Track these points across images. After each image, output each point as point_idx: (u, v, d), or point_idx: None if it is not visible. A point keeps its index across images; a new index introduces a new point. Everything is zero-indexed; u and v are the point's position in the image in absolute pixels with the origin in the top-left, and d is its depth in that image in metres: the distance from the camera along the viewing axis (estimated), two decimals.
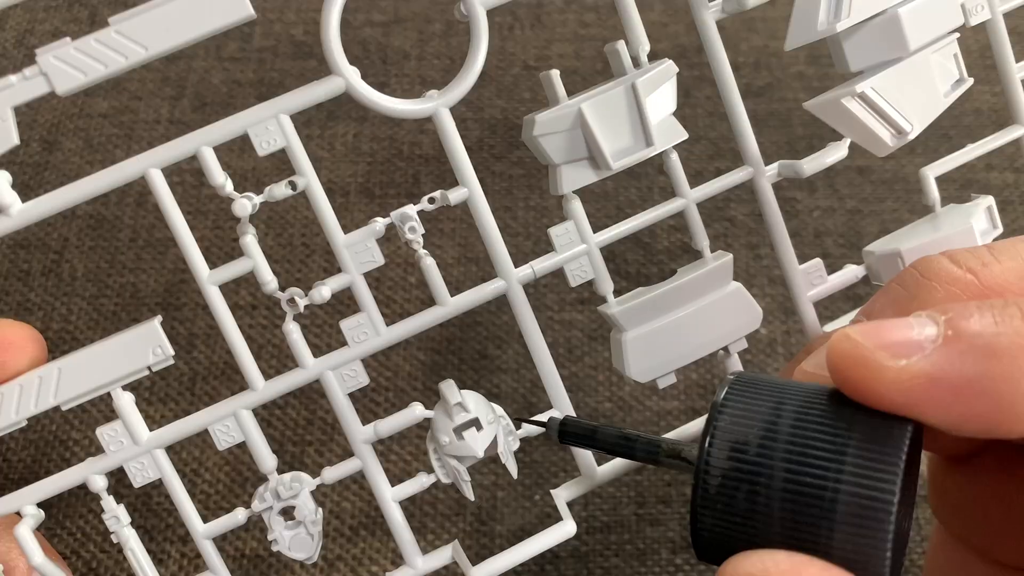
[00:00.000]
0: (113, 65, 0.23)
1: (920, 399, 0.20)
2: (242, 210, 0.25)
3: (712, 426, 0.21)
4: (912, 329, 0.20)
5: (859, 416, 0.20)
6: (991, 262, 0.22)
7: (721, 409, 0.22)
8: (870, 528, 0.20)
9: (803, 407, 0.21)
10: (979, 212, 0.30)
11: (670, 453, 0.23)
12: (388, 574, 0.28)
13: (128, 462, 0.26)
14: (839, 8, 0.27)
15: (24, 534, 0.25)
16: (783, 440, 0.21)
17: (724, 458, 0.21)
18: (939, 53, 0.28)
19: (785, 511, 0.20)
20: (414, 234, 0.26)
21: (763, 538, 0.21)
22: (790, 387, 0.22)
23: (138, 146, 0.44)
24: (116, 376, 0.25)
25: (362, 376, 0.27)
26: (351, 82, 0.26)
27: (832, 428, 0.20)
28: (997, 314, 0.20)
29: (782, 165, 0.30)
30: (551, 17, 0.48)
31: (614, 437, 0.25)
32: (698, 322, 0.28)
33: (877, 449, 0.20)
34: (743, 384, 0.22)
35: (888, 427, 0.20)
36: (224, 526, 0.27)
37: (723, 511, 0.21)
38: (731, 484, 0.21)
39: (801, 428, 0.21)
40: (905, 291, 0.23)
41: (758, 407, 0.21)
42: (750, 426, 0.21)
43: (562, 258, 0.28)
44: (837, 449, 0.20)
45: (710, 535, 0.21)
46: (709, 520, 0.21)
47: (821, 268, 0.30)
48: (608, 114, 0.26)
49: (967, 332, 0.20)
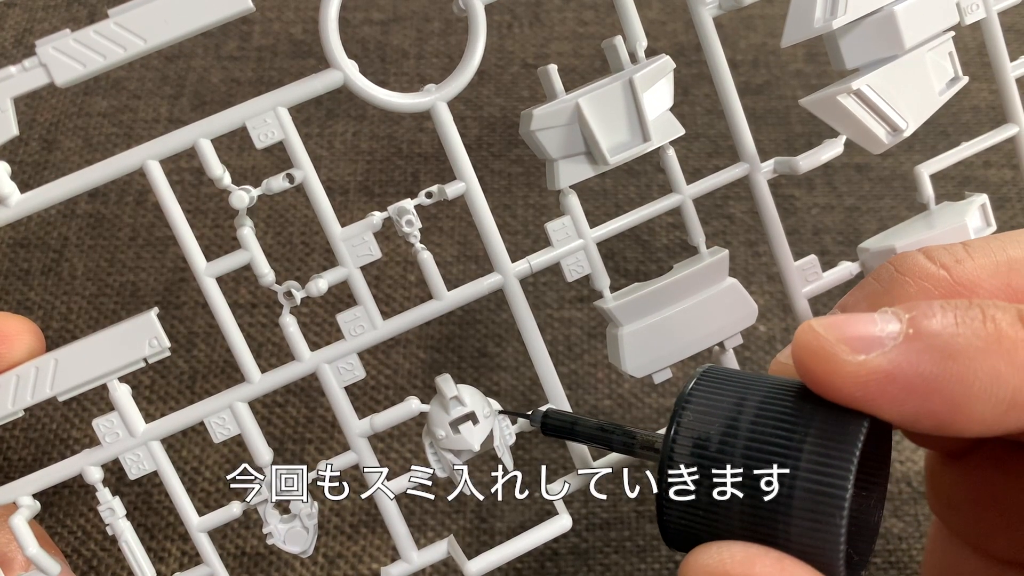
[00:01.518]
0: (112, 57, 0.24)
1: (876, 394, 0.20)
2: (239, 202, 0.25)
3: (675, 421, 0.22)
4: (875, 325, 0.20)
5: (818, 411, 0.21)
6: (964, 259, 0.22)
7: (685, 404, 0.22)
8: (824, 521, 0.20)
9: (765, 401, 0.21)
10: (973, 210, 0.30)
11: (644, 444, 0.24)
12: (384, 569, 0.28)
13: (124, 454, 0.26)
14: (835, 5, 0.27)
15: (19, 524, 0.25)
16: (743, 435, 0.21)
17: (687, 453, 0.22)
18: (934, 51, 0.28)
19: (744, 505, 0.21)
20: (411, 227, 0.26)
21: (724, 530, 0.21)
22: (757, 381, 0.22)
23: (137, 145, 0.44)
24: (112, 367, 0.25)
25: (358, 370, 0.27)
26: (349, 75, 0.25)
27: (791, 423, 0.21)
28: (960, 315, 0.20)
29: (778, 161, 0.30)
30: (550, 15, 0.48)
31: (593, 429, 0.25)
32: (694, 317, 0.28)
33: (832, 444, 0.20)
34: (710, 379, 0.22)
35: (845, 422, 0.20)
36: (219, 519, 0.27)
37: (686, 504, 0.22)
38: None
39: (761, 423, 0.21)
40: (880, 286, 0.23)
41: (722, 402, 0.22)
42: (712, 421, 0.22)
43: (559, 253, 0.28)
44: (794, 444, 0.20)
45: (675, 527, 0.22)
46: (674, 513, 0.22)
47: (816, 265, 0.30)
48: (605, 109, 0.26)
49: (927, 331, 0.20)
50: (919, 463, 0.35)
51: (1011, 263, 0.22)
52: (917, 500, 0.35)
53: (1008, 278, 0.22)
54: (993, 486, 0.25)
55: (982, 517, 0.25)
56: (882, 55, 0.28)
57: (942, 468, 0.26)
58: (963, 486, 0.25)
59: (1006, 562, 0.25)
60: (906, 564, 0.33)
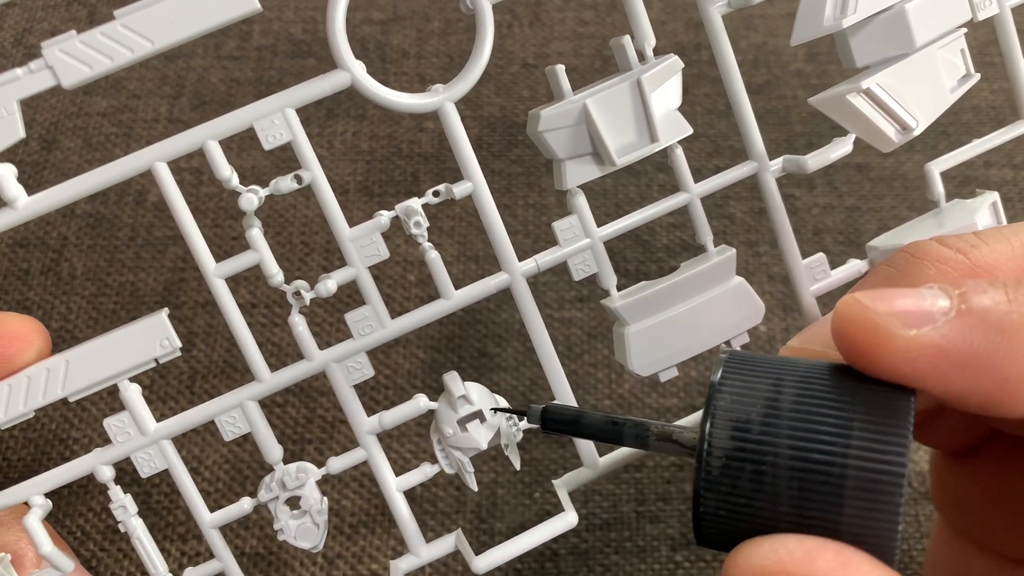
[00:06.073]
0: (119, 59, 0.23)
1: (927, 370, 0.19)
2: (248, 204, 0.25)
3: (712, 405, 0.21)
4: (924, 299, 0.20)
5: (860, 388, 0.20)
6: (979, 244, 0.22)
7: (719, 388, 0.21)
8: (880, 503, 0.19)
9: (803, 382, 0.21)
10: (984, 208, 0.30)
11: (661, 436, 0.23)
12: (393, 562, 0.28)
13: (135, 452, 0.26)
14: (845, 3, 0.27)
15: (33, 524, 0.25)
16: (786, 417, 0.20)
17: (726, 438, 0.20)
18: (945, 48, 0.28)
19: (792, 490, 0.20)
20: (420, 228, 0.26)
21: (768, 519, 0.20)
22: (786, 363, 0.21)
23: (137, 144, 0.44)
24: (123, 368, 0.25)
25: (367, 368, 0.27)
26: (357, 76, 0.25)
27: (836, 402, 0.20)
28: (1011, 292, 0.20)
29: (787, 160, 0.30)
30: (550, 15, 0.48)
31: (600, 422, 0.24)
32: (701, 316, 0.28)
33: (883, 422, 0.20)
34: (738, 362, 0.21)
35: (893, 398, 0.20)
36: (230, 515, 0.27)
37: (727, 493, 0.20)
38: (735, 465, 0.20)
39: (804, 404, 0.20)
40: (895, 271, 0.23)
41: (757, 385, 0.21)
42: (751, 404, 0.21)
43: (566, 252, 0.28)
44: (842, 423, 0.20)
45: (713, 518, 0.21)
46: (712, 503, 0.21)
47: (824, 263, 0.30)
48: (613, 110, 0.26)
49: (979, 307, 0.20)
50: (920, 463, 0.35)
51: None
52: (917, 500, 0.35)
53: None
54: (1000, 484, 0.24)
55: (988, 515, 0.25)
56: (892, 53, 0.27)
57: (948, 467, 0.26)
58: (970, 485, 0.25)
59: (1015, 560, 0.25)
60: (906, 564, 0.33)
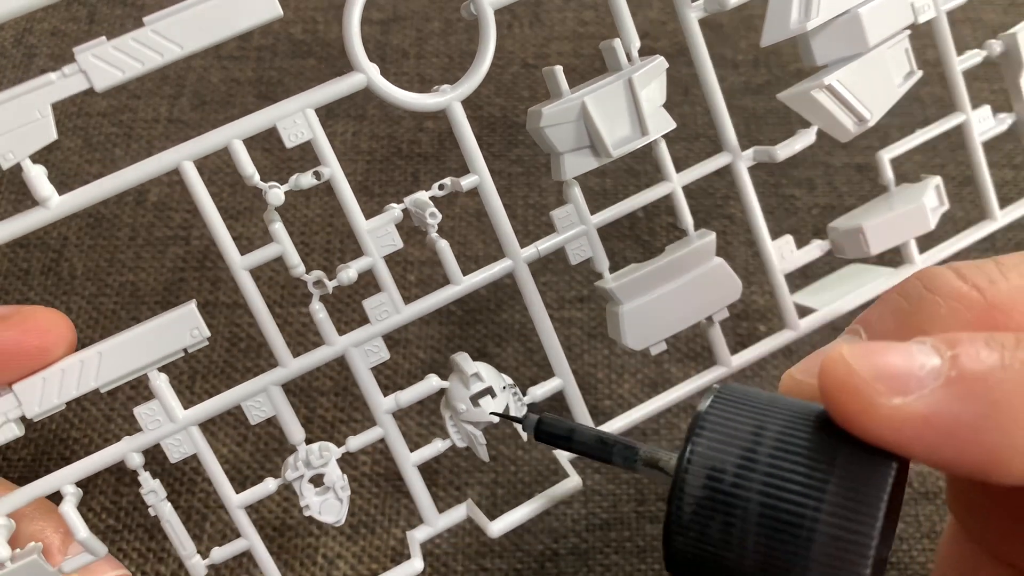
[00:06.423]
0: (150, 63, 0.24)
1: (911, 439, 0.19)
2: (276, 199, 0.26)
3: (689, 450, 0.21)
4: (914, 359, 0.19)
5: (843, 448, 0.19)
6: (998, 279, 0.21)
7: (699, 431, 0.21)
8: (846, 571, 0.19)
9: (785, 432, 0.20)
10: (929, 190, 0.34)
11: (648, 462, 0.23)
12: (409, 532, 0.30)
13: (165, 439, 0.27)
14: (809, 8, 0.29)
15: (69, 511, 0.26)
16: (761, 470, 0.20)
17: (699, 486, 0.20)
18: (893, 48, 0.31)
19: (760, 546, 0.20)
20: (434, 219, 0.28)
21: (736, 569, 0.20)
22: (775, 406, 0.21)
23: (137, 144, 0.44)
24: (155, 358, 0.27)
25: (383, 351, 0.29)
26: (372, 78, 0.27)
27: (813, 460, 0.19)
28: (1008, 354, 0.19)
29: (757, 151, 0.33)
30: (550, 15, 0.48)
31: (591, 439, 0.24)
32: (686, 294, 0.31)
33: (858, 488, 0.19)
34: (725, 400, 0.21)
35: (872, 465, 0.19)
36: (256, 495, 0.28)
37: (696, 539, 0.20)
38: (705, 512, 0.20)
39: (780, 458, 0.20)
40: (907, 303, 0.22)
41: (739, 428, 0.20)
42: (728, 451, 0.20)
43: (564, 238, 0.30)
44: (816, 485, 0.19)
45: (682, 557, 0.21)
46: (681, 544, 0.21)
47: (791, 243, 0.33)
48: (608, 107, 0.29)
49: (970, 373, 0.19)
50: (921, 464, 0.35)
51: None
52: (917, 500, 0.35)
53: None
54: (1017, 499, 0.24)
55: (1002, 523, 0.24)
56: (848, 52, 0.30)
57: None
58: (984, 496, 0.25)
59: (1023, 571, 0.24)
60: (907, 565, 0.33)
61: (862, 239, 0.33)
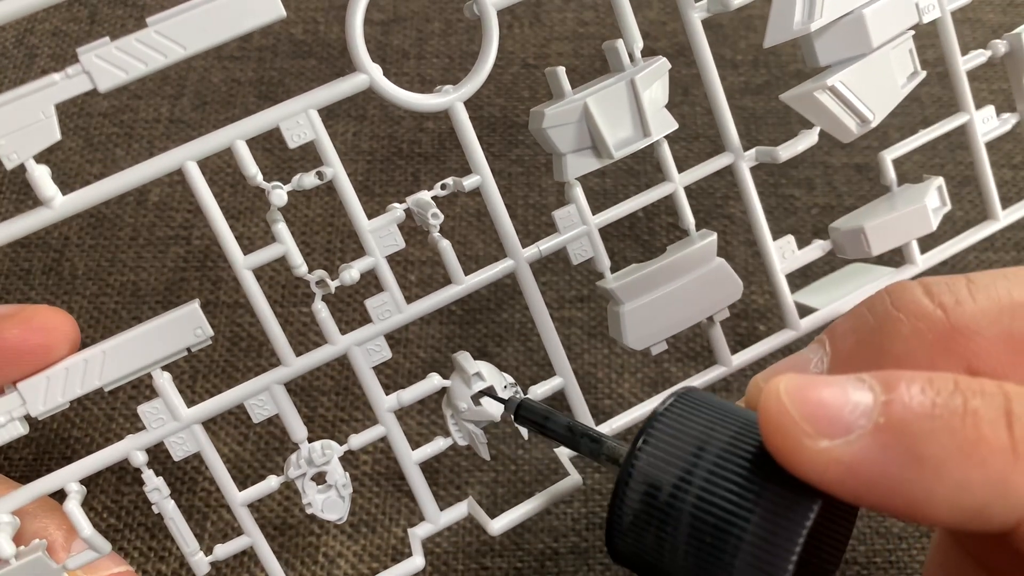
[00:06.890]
0: (153, 63, 0.24)
1: (834, 482, 0.19)
2: (279, 199, 0.26)
3: (631, 462, 0.21)
4: (848, 397, 0.19)
5: (774, 476, 0.20)
6: (966, 300, 0.21)
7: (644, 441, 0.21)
8: None
9: (727, 450, 0.21)
10: (931, 191, 0.33)
11: (609, 456, 0.24)
12: (411, 529, 0.30)
13: (168, 437, 0.27)
14: (812, 9, 0.29)
15: (73, 509, 0.26)
16: (694, 491, 0.20)
17: (637, 500, 0.21)
18: (897, 49, 0.31)
19: (688, 559, 0.20)
20: (437, 219, 0.28)
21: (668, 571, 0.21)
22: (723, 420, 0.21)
23: (138, 144, 0.44)
24: (158, 357, 0.27)
25: (385, 351, 0.29)
26: (375, 78, 0.27)
27: (744, 486, 0.20)
28: (940, 404, 0.19)
29: (759, 151, 0.32)
30: (550, 15, 0.48)
31: (562, 427, 0.25)
32: (687, 294, 0.31)
33: (780, 523, 0.20)
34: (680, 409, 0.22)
35: (797, 500, 0.20)
36: (259, 492, 0.29)
37: (633, 543, 0.21)
38: (641, 524, 0.21)
39: (716, 477, 0.20)
40: (872, 319, 0.22)
41: (684, 442, 0.21)
42: (668, 466, 0.21)
43: (565, 238, 0.30)
44: (744, 511, 0.20)
45: (623, 557, 0.22)
46: (621, 546, 0.22)
47: (792, 243, 0.33)
48: (610, 107, 0.29)
49: (898, 423, 0.18)
50: None
51: (1014, 308, 0.21)
52: None
53: (1010, 325, 0.21)
54: None
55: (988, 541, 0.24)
56: (852, 53, 0.30)
57: None
58: None
59: None
60: (906, 564, 0.33)
61: (864, 239, 0.33)
